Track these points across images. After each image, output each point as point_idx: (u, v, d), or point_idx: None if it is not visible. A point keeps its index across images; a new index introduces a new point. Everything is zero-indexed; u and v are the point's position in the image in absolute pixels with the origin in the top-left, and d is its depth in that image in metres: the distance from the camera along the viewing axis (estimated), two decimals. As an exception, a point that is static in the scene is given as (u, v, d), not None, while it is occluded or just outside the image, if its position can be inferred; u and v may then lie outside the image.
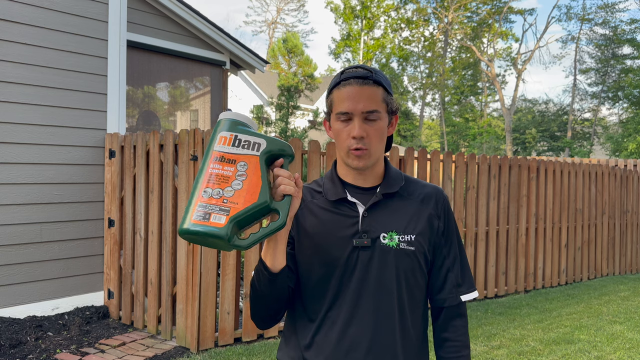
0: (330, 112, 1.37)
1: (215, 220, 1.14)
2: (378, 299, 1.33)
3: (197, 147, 3.99)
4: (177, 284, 4.16)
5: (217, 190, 1.16)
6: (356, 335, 1.33)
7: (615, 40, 30.19)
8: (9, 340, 3.92)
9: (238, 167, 1.18)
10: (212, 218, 1.14)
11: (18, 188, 4.45)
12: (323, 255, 1.34)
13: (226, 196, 1.16)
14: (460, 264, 1.44)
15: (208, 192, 1.16)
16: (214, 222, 1.14)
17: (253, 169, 1.19)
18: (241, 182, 1.18)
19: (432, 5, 34.87)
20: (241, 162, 1.19)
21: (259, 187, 1.19)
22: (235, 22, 69.28)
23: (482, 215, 6.00)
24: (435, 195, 1.43)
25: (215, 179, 1.17)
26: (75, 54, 4.76)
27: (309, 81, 11.13)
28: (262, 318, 1.36)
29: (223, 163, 1.18)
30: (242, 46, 8.18)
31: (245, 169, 1.19)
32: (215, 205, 1.15)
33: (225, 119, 1.24)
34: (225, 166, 1.18)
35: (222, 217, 1.14)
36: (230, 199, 1.16)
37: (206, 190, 1.16)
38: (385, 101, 1.35)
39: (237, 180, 1.18)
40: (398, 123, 1.56)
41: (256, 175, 1.19)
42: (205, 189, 1.16)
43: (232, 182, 1.17)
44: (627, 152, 22.89)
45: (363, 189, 1.39)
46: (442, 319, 1.44)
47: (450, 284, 1.42)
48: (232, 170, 1.18)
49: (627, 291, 6.70)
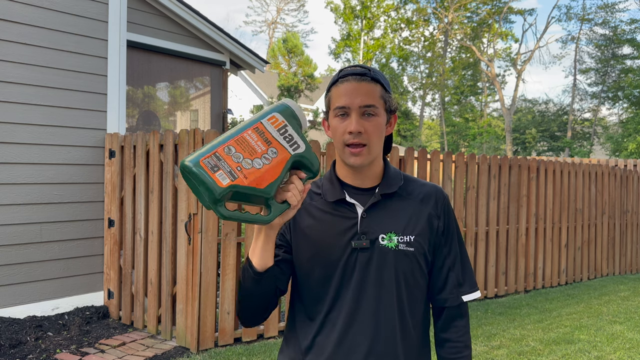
0: (329, 110, 1.37)
1: (219, 177, 1.14)
2: (378, 300, 1.33)
3: (197, 147, 3.99)
4: (177, 284, 4.16)
5: (239, 155, 1.17)
6: (356, 337, 1.33)
7: (615, 40, 30.18)
8: (9, 340, 3.92)
9: (269, 150, 1.19)
10: (218, 174, 1.14)
11: (18, 188, 4.44)
12: (322, 257, 1.34)
13: (243, 165, 1.17)
14: (462, 263, 1.43)
15: (231, 150, 1.16)
16: (217, 177, 1.14)
17: (279, 161, 1.20)
18: (262, 164, 1.18)
19: (432, 5, 34.87)
20: (273, 149, 1.20)
21: (272, 179, 1.19)
22: (235, 22, 69.30)
23: (482, 215, 6.00)
24: (435, 194, 1.42)
25: (244, 144, 1.18)
26: (75, 54, 4.76)
27: (309, 81, 11.13)
28: (247, 316, 1.36)
29: (260, 137, 1.19)
30: (242, 46, 8.18)
31: (274, 156, 1.20)
32: (228, 165, 1.16)
33: (286, 105, 1.25)
34: (259, 141, 1.19)
35: (226, 179, 1.15)
36: (244, 170, 1.17)
37: (230, 148, 1.17)
38: (383, 98, 1.35)
39: (259, 160, 1.18)
40: (398, 123, 1.56)
41: (277, 168, 1.20)
42: (230, 146, 1.17)
43: (255, 159, 1.18)
44: (627, 152, 22.89)
45: (362, 190, 1.39)
46: (443, 319, 1.43)
47: (451, 284, 1.41)
48: (263, 149, 1.19)
49: (627, 291, 6.70)
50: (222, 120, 8.13)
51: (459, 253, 1.44)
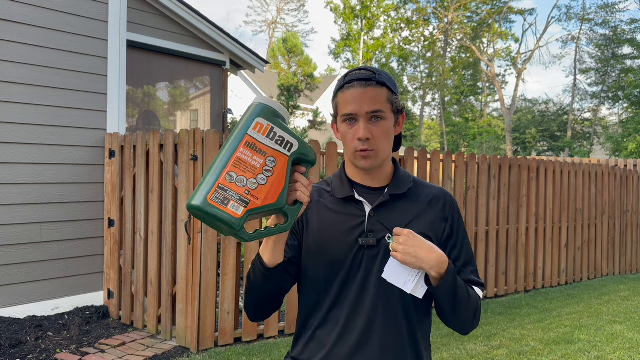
0: (337, 114, 1.39)
1: (232, 209, 1.12)
2: (382, 298, 1.34)
3: (197, 147, 3.99)
4: (177, 284, 4.16)
5: (242, 178, 1.14)
6: (359, 333, 1.34)
7: (615, 40, 30.17)
8: (9, 340, 3.92)
9: (267, 161, 1.16)
10: (230, 205, 1.12)
11: (18, 188, 4.44)
12: (329, 253, 1.36)
13: (249, 187, 1.14)
14: (471, 269, 1.44)
15: (232, 177, 1.13)
16: (231, 209, 1.12)
17: (280, 168, 1.18)
18: (266, 178, 1.16)
19: (432, 5, 34.87)
20: (270, 157, 1.17)
21: (280, 188, 1.18)
22: (235, 22, 69.34)
23: (482, 215, 6.00)
24: (444, 198, 1.44)
25: (242, 165, 1.14)
26: (75, 54, 4.76)
27: (308, 81, 11.13)
28: (253, 310, 1.39)
29: (254, 151, 1.15)
30: (242, 46, 8.19)
31: (273, 165, 1.17)
32: (236, 193, 1.13)
33: (263, 104, 1.20)
34: (254, 155, 1.15)
35: (240, 207, 1.13)
36: (253, 192, 1.14)
37: (230, 174, 1.13)
38: (390, 101, 1.36)
39: (262, 175, 1.16)
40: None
41: (281, 175, 1.18)
42: (230, 172, 1.13)
43: (258, 176, 1.15)
44: (627, 152, 22.89)
45: (371, 189, 1.41)
46: None
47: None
48: (261, 162, 1.16)
49: (627, 291, 6.70)
50: (222, 120, 8.13)
51: (470, 258, 1.44)
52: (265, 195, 1.15)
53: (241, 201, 1.13)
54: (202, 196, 1.12)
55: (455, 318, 1.35)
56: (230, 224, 1.12)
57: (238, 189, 1.13)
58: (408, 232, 1.26)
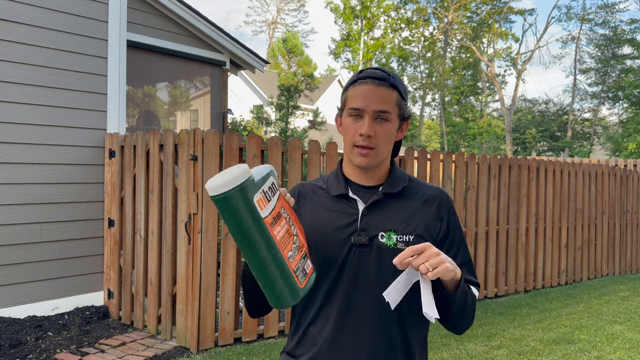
0: (344, 108, 1.40)
1: (308, 269, 1.22)
2: (374, 297, 1.33)
3: (197, 147, 3.99)
4: (177, 284, 4.16)
5: (293, 246, 1.18)
6: (350, 332, 1.34)
7: (615, 40, 30.16)
8: (9, 340, 3.92)
9: (283, 214, 1.18)
10: (306, 268, 1.21)
11: (18, 188, 4.44)
12: (321, 251, 1.36)
13: (298, 245, 1.20)
14: (467, 268, 1.43)
15: (292, 255, 1.16)
16: (309, 271, 1.22)
17: (287, 206, 1.21)
18: (294, 226, 1.21)
19: (432, 5, 34.87)
20: (281, 209, 1.18)
21: (296, 216, 1.26)
22: (235, 22, 69.37)
23: (482, 215, 6.00)
24: (440, 197, 1.43)
25: (285, 240, 1.15)
26: (75, 54, 4.76)
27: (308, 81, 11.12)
28: (253, 308, 1.43)
29: (277, 223, 1.15)
30: (242, 46, 8.19)
31: (286, 211, 1.20)
32: (301, 259, 1.19)
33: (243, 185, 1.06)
34: (280, 223, 1.16)
35: (308, 262, 1.23)
36: (301, 245, 1.21)
37: (290, 255, 1.15)
38: (398, 105, 1.36)
39: (292, 227, 1.20)
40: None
41: (290, 210, 1.23)
42: (288, 254, 1.15)
43: (292, 230, 1.19)
44: (627, 152, 22.88)
45: (366, 187, 1.41)
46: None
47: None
48: (284, 221, 1.18)
49: (627, 291, 6.70)
50: (222, 120, 8.13)
51: (465, 256, 1.44)
52: (301, 233, 1.24)
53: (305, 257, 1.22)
54: (295, 289, 1.16)
55: (459, 321, 1.34)
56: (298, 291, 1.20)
57: (299, 256, 1.19)
58: (426, 244, 1.19)
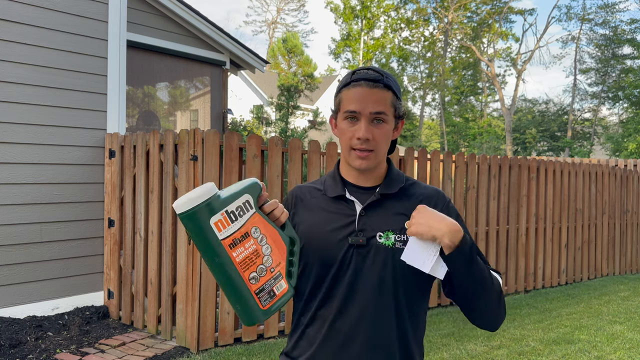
0: (338, 110, 1.39)
1: (279, 291, 1.18)
2: (372, 297, 1.33)
3: (197, 147, 3.99)
4: (177, 284, 4.16)
5: (260, 267, 1.14)
6: (347, 332, 1.33)
7: (615, 40, 30.16)
8: (9, 340, 3.92)
9: (253, 235, 1.15)
10: (276, 290, 1.17)
11: (18, 188, 4.44)
12: (319, 252, 1.36)
13: (268, 266, 1.16)
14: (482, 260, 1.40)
15: (255, 277, 1.14)
16: (279, 292, 1.17)
17: (263, 225, 1.18)
18: (268, 245, 1.17)
19: (432, 5, 34.87)
20: (252, 229, 1.15)
21: (277, 235, 1.21)
22: (235, 22, 69.39)
23: (482, 215, 6.00)
24: (436, 197, 1.42)
25: (248, 262, 1.13)
26: (75, 54, 4.76)
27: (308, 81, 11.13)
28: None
29: (241, 243, 1.12)
30: (242, 46, 8.19)
31: (259, 230, 1.17)
32: (268, 280, 1.16)
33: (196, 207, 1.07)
34: (244, 244, 1.13)
35: (281, 282, 1.18)
36: (273, 265, 1.17)
37: (252, 276, 1.13)
38: (393, 105, 1.36)
39: (264, 246, 1.17)
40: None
41: (269, 228, 1.19)
42: (250, 276, 1.13)
43: (263, 250, 1.16)
44: (627, 152, 22.88)
45: (363, 189, 1.41)
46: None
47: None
48: (252, 241, 1.14)
49: (627, 291, 6.70)
50: (222, 120, 8.13)
51: None
52: (279, 253, 1.20)
53: (276, 279, 1.18)
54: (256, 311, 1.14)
55: (479, 304, 1.28)
56: (290, 298, 1.21)
57: (266, 276, 1.16)
58: (421, 206, 1.25)
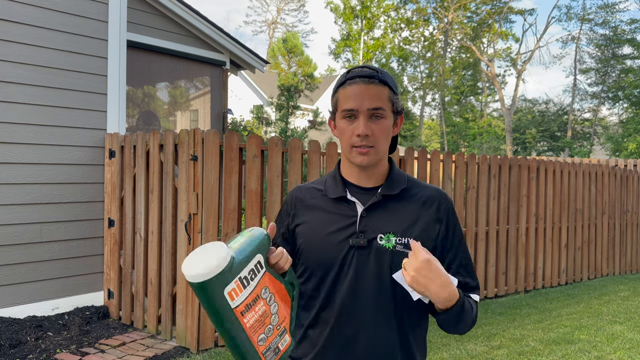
0: (336, 110, 1.38)
1: (283, 346, 1.19)
2: (373, 299, 1.33)
3: (197, 147, 3.99)
4: (177, 284, 4.16)
5: (268, 328, 1.15)
6: (350, 334, 1.33)
7: (615, 40, 30.17)
8: (9, 340, 3.92)
9: (263, 296, 1.14)
10: (281, 345, 1.18)
11: (18, 188, 4.44)
12: (320, 254, 1.35)
13: (275, 324, 1.17)
14: (466, 268, 1.41)
15: (263, 338, 1.14)
16: (283, 348, 1.19)
17: (271, 283, 1.17)
18: (276, 304, 1.18)
19: (432, 5, 34.87)
20: (261, 291, 1.14)
21: (283, 288, 1.21)
22: (235, 22, 69.40)
23: (482, 215, 6.00)
24: (439, 198, 1.41)
25: (258, 324, 1.13)
26: (75, 54, 4.76)
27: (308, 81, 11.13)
28: None
29: (252, 308, 1.11)
30: (242, 46, 8.19)
31: (269, 290, 1.16)
32: (275, 338, 1.17)
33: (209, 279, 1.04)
34: (255, 308, 1.12)
35: (285, 337, 1.19)
36: (279, 322, 1.18)
37: (261, 338, 1.13)
38: (390, 100, 1.35)
39: (272, 306, 1.17)
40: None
41: (276, 284, 1.19)
42: (258, 338, 1.13)
43: (271, 310, 1.16)
44: (627, 152, 22.89)
45: (364, 189, 1.39)
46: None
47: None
48: (262, 303, 1.14)
49: (627, 291, 6.70)
50: (222, 120, 8.13)
51: (464, 258, 1.42)
52: (285, 309, 1.21)
53: (281, 335, 1.20)
54: None
55: (455, 329, 1.35)
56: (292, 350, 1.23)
57: (273, 335, 1.17)
58: (425, 259, 1.19)
